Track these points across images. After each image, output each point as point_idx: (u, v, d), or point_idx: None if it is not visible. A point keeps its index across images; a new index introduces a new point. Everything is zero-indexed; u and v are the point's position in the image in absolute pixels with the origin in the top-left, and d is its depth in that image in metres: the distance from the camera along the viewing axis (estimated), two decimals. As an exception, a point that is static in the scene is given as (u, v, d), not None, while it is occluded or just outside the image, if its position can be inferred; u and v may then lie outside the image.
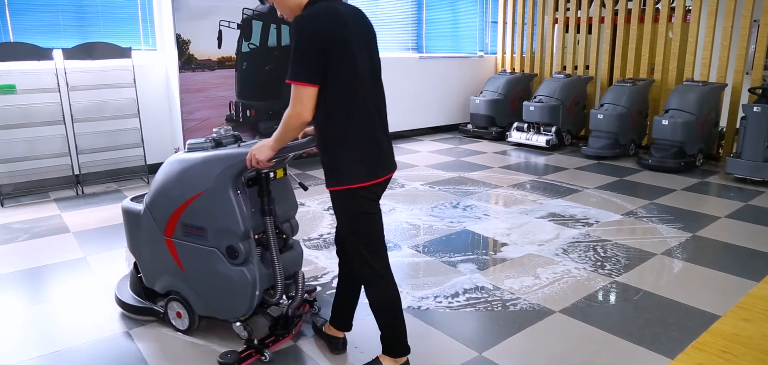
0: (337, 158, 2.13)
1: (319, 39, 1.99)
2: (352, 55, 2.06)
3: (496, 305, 3.09)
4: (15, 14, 5.25)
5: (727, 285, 3.38)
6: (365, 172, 2.14)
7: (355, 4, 7.48)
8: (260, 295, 2.55)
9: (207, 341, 2.70)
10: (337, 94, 2.06)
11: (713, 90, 6.53)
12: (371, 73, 2.17)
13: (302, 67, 2.00)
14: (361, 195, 2.15)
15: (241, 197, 2.45)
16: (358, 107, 2.10)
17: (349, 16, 2.11)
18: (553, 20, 8.65)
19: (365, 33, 2.18)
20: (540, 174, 6.23)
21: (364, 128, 2.13)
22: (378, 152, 2.19)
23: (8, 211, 4.82)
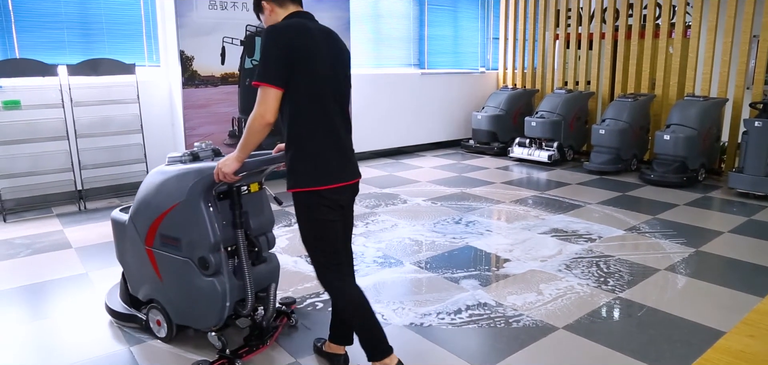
0: (298, 160, 2.22)
1: (285, 47, 2.12)
2: (316, 67, 2.18)
3: (499, 321, 3.08)
4: (21, 31, 5.30)
5: (731, 300, 3.36)
6: (323, 176, 2.21)
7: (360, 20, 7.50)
8: (231, 306, 2.60)
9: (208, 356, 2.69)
10: (300, 100, 2.18)
11: (714, 105, 6.54)
12: (336, 86, 2.27)
13: (269, 71, 2.12)
14: (318, 200, 2.22)
15: (213, 210, 2.52)
16: (321, 114, 2.21)
17: (318, 33, 2.25)
18: (554, 36, 8.70)
19: (333, 50, 2.29)
20: (542, 190, 6.23)
21: (325, 135, 2.22)
22: (338, 158, 2.25)
23: (10, 226, 4.82)
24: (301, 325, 3.03)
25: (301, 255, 4.07)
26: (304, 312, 3.19)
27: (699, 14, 6.93)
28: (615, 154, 7.00)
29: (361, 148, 7.84)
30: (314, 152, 2.21)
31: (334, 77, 2.26)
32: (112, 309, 3.02)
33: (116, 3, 5.76)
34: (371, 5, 7.86)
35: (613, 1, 7.80)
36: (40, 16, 5.38)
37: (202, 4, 5.73)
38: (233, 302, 2.60)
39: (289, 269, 3.81)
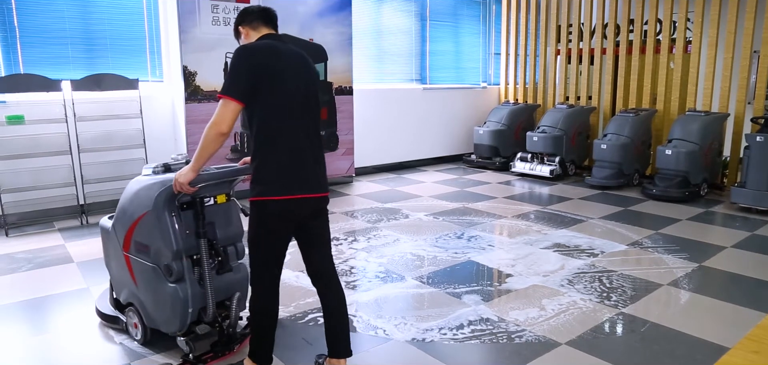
0: (258, 171, 2.34)
1: (250, 66, 2.26)
2: (282, 84, 2.30)
3: (501, 337, 3.06)
4: (25, 46, 5.34)
5: (735, 316, 3.34)
6: (278, 188, 2.32)
7: (362, 35, 7.54)
8: (195, 313, 2.70)
9: None
10: (264, 116, 2.30)
11: (716, 120, 6.55)
12: (304, 105, 2.38)
13: (231, 85, 2.25)
14: (270, 209, 2.33)
15: (176, 219, 2.63)
16: (283, 130, 2.32)
17: (287, 53, 2.37)
18: (555, 51, 8.74)
19: (302, 71, 2.40)
20: (544, 204, 6.22)
21: (287, 148, 2.32)
22: (296, 173, 2.35)
23: (12, 241, 4.83)
24: (301, 340, 3.02)
25: (303, 270, 4.06)
26: (305, 327, 3.18)
27: (699, 30, 6.96)
28: (617, 169, 7.00)
29: (363, 163, 7.86)
30: (273, 166, 2.32)
31: (301, 96, 2.36)
32: (100, 310, 3.20)
33: (120, 19, 5.80)
34: (373, 21, 7.91)
35: (613, 16, 7.85)
36: (45, 32, 5.43)
37: (206, 20, 5.78)
38: (196, 308, 2.70)
39: (290, 284, 3.80)
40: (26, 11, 5.30)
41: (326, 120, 6.90)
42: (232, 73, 2.26)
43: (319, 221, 2.51)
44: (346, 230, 5.12)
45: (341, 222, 5.40)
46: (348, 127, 7.11)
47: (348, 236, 4.95)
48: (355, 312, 3.37)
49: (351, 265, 4.21)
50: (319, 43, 6.65)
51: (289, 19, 6.35)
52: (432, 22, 8.67)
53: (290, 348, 2.94)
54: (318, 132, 2.47)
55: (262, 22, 2.47)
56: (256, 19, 2.46)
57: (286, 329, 3.15)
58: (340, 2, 6.78)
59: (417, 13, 8.44)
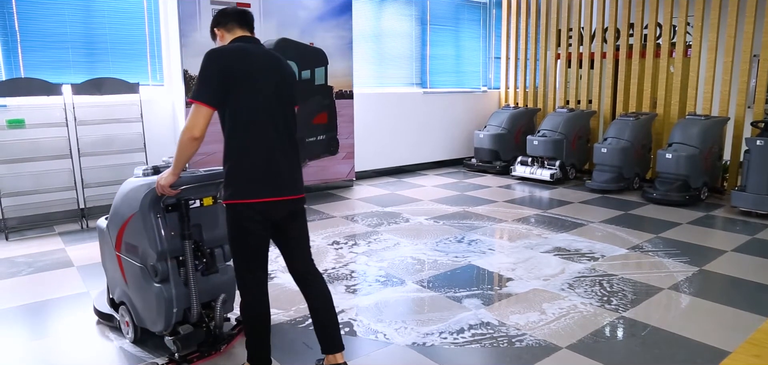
0: (230, 174, 2.36)
1: (219, 69, 2.27)
2: (252, 87, 2.31)
3: (501, 341, 3.06)
4: (26, 50, 5.35)
5: (736, 320, 3.33)
6: (250, 191, 2.33)
7: (363, 39, 7.55)
8: (180, 312, 2.75)
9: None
10: (235, 119, 2.32)
11: (716, 124, 6.55)
12: (277, 107, 2.39)
13: (201, 90, 2.27)
14: (244, 212, 2.34)
15: (161, 221, 2.68)
16: (254, 132, 2.33)
17: (258, 55, 2.40)
18: (555, 55, 8.75)
19: (275, 73, 2.41)
20: (544, 208, 6.22)
21: (259, 151, 2.34)
22: (270, 175, 2.36)
23: (12, 245, 4.83)
24: (302, 344, 3.01)
25: (303, 274, 4.06)
26: (305, 331, 3.18)
27: (699, 34, 6.97)
28: (617, 172, 7.00)
29: (364, 167, 7.86)
30: (244, 168, 2.33)
31: (272, 98, 2.37)
32: (97, 308, 3.29)
33: (121, 23, 5.82)
34: (373, 25, 7.92)
35: (613, 20, 7.86)
36: (46, 36, 5.44)
37: (206, 24, 5.75)
38: (182, 309, 2.75)
39: (290, 288, 3.79)
40: (27, 15, 5.32)
41: (327, 124, 6.91)
42: (202, 77, 2.28)
43: (296, 223, 2.53)
44: (347, 234, 5.11)
45: (341, 226, 5.40)
46: (348, 131, 7.11)
47: (348, 240, 4.95)
48: (356, 316, 3.36)
49: (351, 269, 4.21)
50: (320, 48, 6.66)
51: (289, 23, 6.37)
52: (432, 26, 8.68)
53: (291, 353, 2.93)
54: (292, 134, 2.47)
55: (237, 24, 2.47)
56: (231, 20, 2.48)
57: (286, 333, 3.14)
58: (341, 6, 6.79)
59: (417, 17, 8.46)
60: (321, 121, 6.86)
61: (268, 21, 6.19)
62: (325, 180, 7.03)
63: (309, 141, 6.79)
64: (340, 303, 3.54)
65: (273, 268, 4.19)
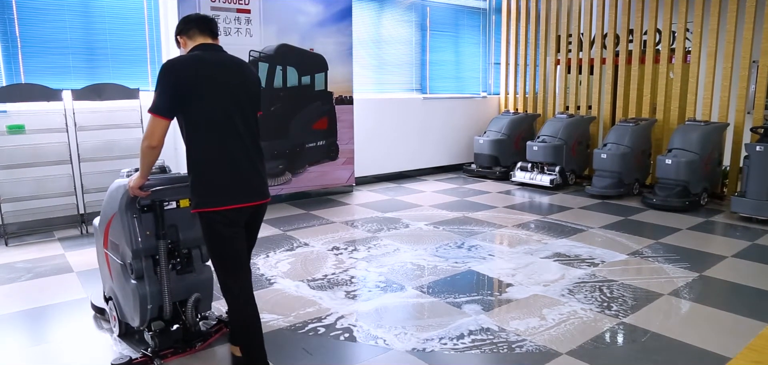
0: (196, 183, 2.42)
1: (173, 81, 2.34)
2: (213, 94, 2.37)
3: (501, 347, 3.05)
4: (27, 56, 5.36)
5: (737, 325, 3.33)
6: (220, 198, 2.39)
7: (362, 45, 7.57)
8: (154, 309, 2.84)
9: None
10: (197, 125, 2.38)
11: (716, 129, 6.56)
12: (236, 110, 2.43)
13: (156, 102, 2.34)
14: (216, 219, 2.40)
15: (136, 221, 2.79)
16: (215, 139, 2.38)
17: (217, 64, 2.45)
18: (554, 61, 8.77)
19: (235, 79, 2.46)
20: (544, 214, 6.22)
21: (219, 159, 2.39)
22: (237, 180, 2.42)
23: (12, 250, 4.82)
24: (301, 350, 3.01)
25: (303, 280, 4.06)
26: (304, 337, 3.17)
27: (699, 40, 6.99)
28: (617, 178, 7.00)
29: (364, 172, 7.86)
30: (209, 176, 2.39)
31: (232, 105, 2.41)
32: (92, 302, 3.50)
33: (121, 29, 5.83)
34: (373, 31, 7.94)
35: (613, 26, 7.88)
36: (46, 42, 5.45)
37: (207, 30, 5.79)
38: (156, 305, 2.84)
39: (290, 294, 3.79)
40: (28, 21, 5.33)
41: (326, 130, 6.92)
42: (157, 90, 2.34)
43: (256, 222, 2.64)
44: (347, 240, 5.11)
45: (341, 232, 5.40)
46: (348, 136, 7.12)
47: (348, 245, 4.95)
48: (355, 322, 3.36)
49: (351, 275, 4.21)
50: (320, 53, 6.68)
51: (289, 29, 6.38)
52: (432, 32, 8.70)
53: (290, 359, 2.93)
54: (255, 138, 2.52)
55: (199, 31, 2.51)
56: (193, 28, 2.51)
57: (285, 339, 3.14)
58: (341, 12, 6.81)
59: (417, 23, 8.48)
60: (321, 126, 6.87)
61: (268, 27, 6.21)
62: (324, 186, 7.04)
63: (309, 147, 6.79)
64: (340, 309, 3.54)
65: (273, 273, 4.19)
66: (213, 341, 3.07)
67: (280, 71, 6.39)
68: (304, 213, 6.17)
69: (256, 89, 2.58)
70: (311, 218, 5.95)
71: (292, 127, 6.58)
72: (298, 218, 5.95)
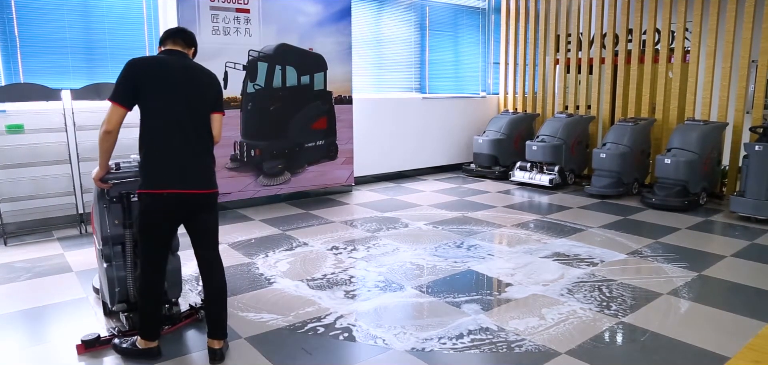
0: (141, 166, 2.72)
1: (131, 75, 2.65)
2: (160, 91, 2.66)
3: (501, 346, 3.05)
4: (26, 55, 5.36)
5: (736, 325, 3.33)
6: (151, 182, 2.67)
7: (362, 45, 7.55)
8: (121, 293, 3.11)
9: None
10: (146, 117, 2.68)
11: (715, 129, 6.56)
12: (185, 109, 2.70)
13: (116, 91, 2.64)
14: (147, 200, 2.69)
15: (106, 210, 3.07)
16: (159, 130, 2.66)
17: (172, 65, 2.73)
18: (554, 61, 8.77)
19: (187, 80, 2.73)
20: (544, 213, 6.22)
21: (160, 148, 2.67)
22: (168, 169, 2.67)
23: (11, 250, 4.82)
24: (300, 350, 3.01)
25: (303, 280, 4.06)
26: (303, 337, 3.17)
27: (698, 39, 6.99)
28: (616, 178, 7.00)
29: (363, 172, 7.86)
30: (148, 162, 2.68)
31: (182, 104, 2.68)
32: (93, 284, 3.81)
33: (120, 28, 5.83)
34: (373, 31, 7.94)
35: (612, 26, 7.88)
36: (45, 41, 5.45)
37: (205, 30, 5.80)
38: (124, 289, 3.11)
39: (290, 294, 3.79)
40: (27, 20, 5.32)
41: (326, 129, 6.92)
42: (117, 81, 2.65)
43: (204, 216, 2.82)
44: (346, 240, 5.11)
45: (341, 231, 5.40)
46: (347, 136, 7.12)
47: (347, 245, 4.95)
48: (355, 322, 3.36)
49: (350, 274, 4.21)
50: (319, 53, 6.68)
51: (289, 29, 6.38)
52: (431, 31, 8.70)
53: (290, 358, 2.93)
54: (201, 134, 2.76)
55: (171, 40, 2.83)
56: (166, 37, 2.85)
57: (285, 339, 3.14)
58: (340, 12, 6.81)
59: (416, 22, 8.48)
60: (320, 126, 6.87)
61: (268, 26, 6.21)
62: (324, 185, 7.04)
63: (308, 146, 6.79)
64: (339, 308, 3.54)
65: (272, 273, 4.19)
66: (182, 326, 3.25)
67: (280, 71, 6.39)
68: (303, 213, 6.17)
69: (212, 93, 2.82)
70: (310, 217, 5.95)
71: (292, 127, 6.58)
72: (297, 217, 5.95)
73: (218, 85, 2.88)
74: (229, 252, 4.70)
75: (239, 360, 2.88)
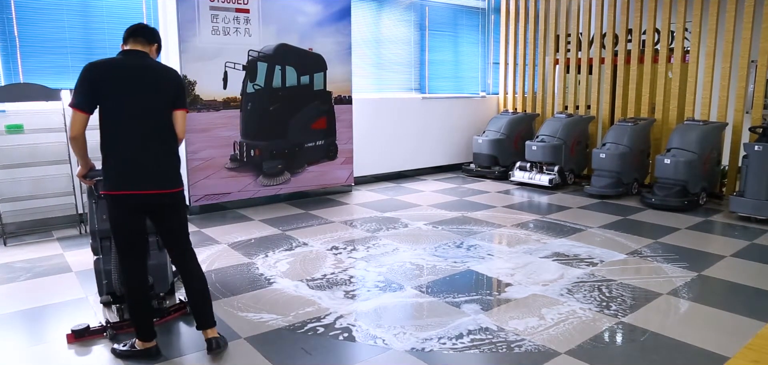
0: (103, 168, 2.74)
1: (87, 80, 2.65)
2: (118, 93, 2.68)
3: (500, 346, 3.05)
4: (25, 55, 5.36)
5: (735, 325, 3.33)
6: (113, 184, 2.70)
7: (361, 45, 7.53)
8: (108, 285, 3.27)
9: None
10: (105, 119, 2.69)
11: (714, 129, 6.57)
12: (143, 109, 2.74)
13: (75, 97, 2.66)
14: (112, 202, 2.73)
15: (94, 206, 3.23)
16: (117, 132, 2.68)
17: (128, 66, 2.76)
18: (554, 61, 8.77)
19: (144, 80, 2.77)
20: (543, 213, 6.22)
21: (123, 149, 2.69)
22: (132, 170, 2.70)
23: (11, 250, 4.82)
24: (300, 350, 3.01)
25: (302, 280, 4.06)
26: (303, 337, 3.17)
27: (697, 39, 6.99)
28: (616, 178, 7.00)
29: (362, 172, 7.86)
30: (109, 164, 2.71)
31: (140, 103, 2.72)
32: None
33: (119, 28, 5.74)
34: (372, 31, 7.94)
35: (612, 26, 7.88)
36: (44, 41, 5.45)
37: (205, 30, 5.80)
38: (110, 281, 3.25)
39: (289, 294, 3.79)
40: (26, 20, 5.32)
41: (325, 129, 6.92)
42: (76, 86, 2.66)
43: (170, 215, 2.86)
44: (345, 240, 5.11)
45: (340, 231, 5.40)
46: (347, 136, 7.12)
47: (347, 245, 4.95)
48: (355, 322, 3.36)
49: (350, 274, 4.21)
50: (319, 53, 6.68)
51: (288, 29, 6.38)
52: (431, 31, 8.70)
53: (289, 358, 2.93)
54: (161, 134, 2.78)
55: (131, 38, 2.87)
56: (127, 36, 2.88)
57: (284, 339, 3.14)
58: (340, 12, 6.81)
59: (416, 22, 8.48)
60: (320, 126, 6.87)
61: (267, 26, 6.21)
62: (323, 185, 7.04)
63: (308, 146, 6.79)
64: (339, 309, 3.54)
65: (272, 273, 4.19)
66: (170, 319, 3.33)
67: (279, 71, 6.39)
68: (302, 213, 6.17)
69: (171, 90, 2.83)
70: (310, 217, 5.95)
71: (291, 127, 6.58)
72: (297, 217, 5.95)
73: (178, 82, 2.89)
74: (228, 252, 4.70)
75: (239, 360, 2.88)
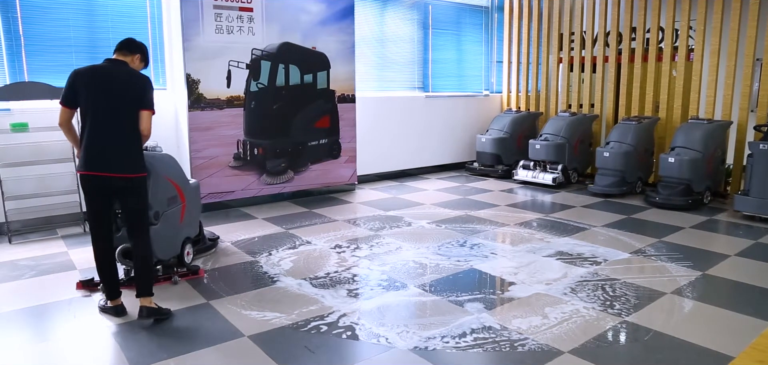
0: (80, 153, 3.31)
1: (72, 81, 3.28)
2: (93, 92, 3.26)
3: (504, 345, 3.05)
4: (30, 54, 5.37)
5: (740, 324, 3.32)
6: (83, 165, 3.26)
7: (365, 44, 7.51)
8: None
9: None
10: (83, 114, 3.28)
11: (719, 127, 6.54)
12: (110, 106, 3.28)
13: (62, 95, 3.29)
14: (82, 180, 3.30)
15: None
16: (92, 124, 3.25)
17: (103, 71, 3.33)
18: (557, 59, 8.75)
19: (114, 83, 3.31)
20: (547, 212, 6.21)
21: (92, 138, 3.25)
22: (97, 155, 3.24)
23: (15, 248, 4.84)
24: (303, 348, 3.01)
25: (306, 278, 4.07)
26: (306, 335, 3.18)
27: (702, 38, 6.96)
28: (620, 177, 6.98)
29: (366, 171, 7.87)
30: (82, 149, 3.27)
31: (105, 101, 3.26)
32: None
33: (124, 27, 5.83)
34: (375, 29, 7.94)
35: (616, 24, 7.86)
36: (49, 40, 5.46)
37: (209, 29, 5.81)
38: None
39: (293, 292, 3.80)
40: (31, 19, 5.34)
41: (329, 128, 6.92)
42: (64, 87, 3.27)
43: (127, 197, 3.36)
44: (349, 238, 5.12)
45: (344, 230, 5.40)
46: (350, 135, 7.12)
47: (350, 243, 4.95)
48: (358, 320, 3.36)
49: (353, 273, 4.21)
50: (322, 52, 6.68)
51: (292, 28, 6.38)
52: (434, 30, 8.69)
53: (292, 356, 2.93)
54: (123, 128, 3.29)
55: (117, 51, 3.45)
56: (115, 49, 3.46)
57: (288, 337, 3.14)
58: (343, 11, 6.81)
59: (419, 21, 8.47)
60: (323, 125, 6.88)
61: (271, 25, 6.21)
62: (327, 184, 7.04)
63: (311, 145, 6.80)
64: (342, 307, 3.54)
65: (275, 272, 4.19)
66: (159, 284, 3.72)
67: (283, 70, 6.39)
68: (306, 211, 6.17)
69: (133, 93, 3.33)
70: (313, 216, 5.96)
71: (295, 125, 6.59)
72: (301, 216, 5.96)
73: (144, 87, 3.38)
74: (232, 251, 4.71)
75: (242, 358, 2.89)
